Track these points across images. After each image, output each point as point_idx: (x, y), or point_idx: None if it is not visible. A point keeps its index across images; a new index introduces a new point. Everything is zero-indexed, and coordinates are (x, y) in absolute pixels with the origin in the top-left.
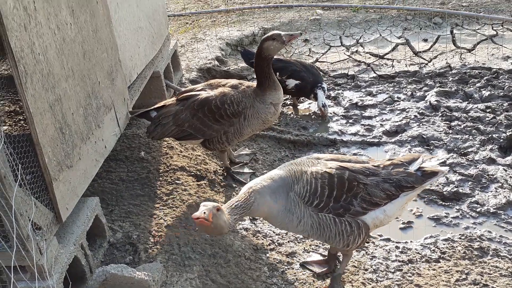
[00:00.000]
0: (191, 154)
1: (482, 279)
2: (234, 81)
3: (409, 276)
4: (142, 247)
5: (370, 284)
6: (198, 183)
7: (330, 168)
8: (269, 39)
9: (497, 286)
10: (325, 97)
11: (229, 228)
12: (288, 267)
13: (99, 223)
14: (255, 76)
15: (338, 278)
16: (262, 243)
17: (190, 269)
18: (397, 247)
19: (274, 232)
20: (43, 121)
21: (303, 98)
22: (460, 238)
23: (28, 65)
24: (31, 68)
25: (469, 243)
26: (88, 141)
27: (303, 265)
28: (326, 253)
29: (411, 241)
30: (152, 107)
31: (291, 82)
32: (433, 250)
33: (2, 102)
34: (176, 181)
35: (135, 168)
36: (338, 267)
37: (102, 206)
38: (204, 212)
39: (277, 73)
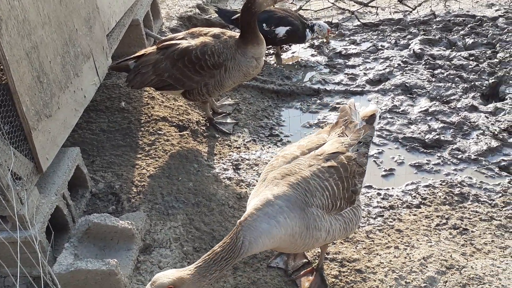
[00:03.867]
0: (173, 104)
1: (462, 223)
2: (216, 30)
3: (390, 222)
4: (125, 197)
5: None
6: (181, 133)
7: (327, 160)
8: None
9: (476, 230)
10: (308, 46)
11: (208, 285)
12: None
13: (81, 173)
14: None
15: (321, 262)
16: (246, 191)
17: (174, 217)
18: (378, 194)
19: (257, 181)
20: (19, 69)
21: (287, 47)
22: (441, 184)
23: (2, 10)
24: (6, 14)
25: (449, 189)
26: (66, 90)
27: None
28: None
29: (392, 188)
30: (131, 56)
31: (281, 30)
32: (414, 196)
33: None
34: (158, 132)
35: (116, 118)
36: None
37: (84, 156)
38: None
39: (264, 24)
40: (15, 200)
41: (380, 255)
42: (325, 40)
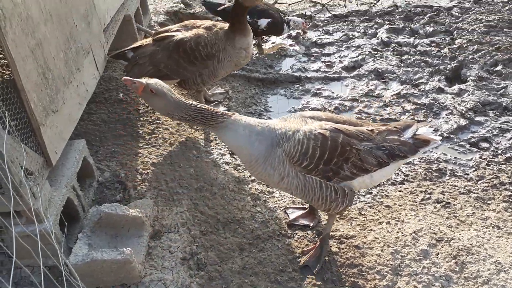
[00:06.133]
0: None
1: (444, 197)
2: (208, 23)
3: (379, 198)
4: (131, 184)
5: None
6: (178, 121)
7: (325, 129)
8: None
9: (457, 203)
10: (286, 36)
11: (168, 115)
12: (269, 196)
13: (87, 164)
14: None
15: (326, 237)
16: (244, 175)
17: (179, 203)
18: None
19: None
20: (25, 67)
21: (266, 37)
22: (419, 161)
23: (6, 8)
24: (9, 11)
25: (428, 165)
26: (70, 85)
27: (292, 224)
28: (306, 205)
29: None
30: (129, 47)
31: (263, 22)
32: (397, 173)
33: None
34: (157, 121)
35: (115, 109)
36: (325, 226)
37: (87, 147)
38: (134, 82)
39: (247, 16)
40: (29, 195)
41: (374, 231)
42: (301, 32)
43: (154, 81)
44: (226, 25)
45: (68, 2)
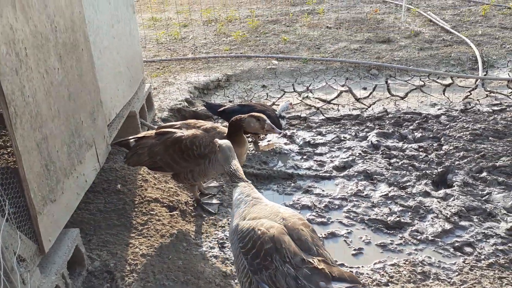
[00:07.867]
0: (164, 186)
1: None
2: (208, 125)
3: None
4: (119, 275)
5: None
6: (171, 213)
7: (267, 231)
8: (255, 118)
9: None
10: (282, 135)
11: (222, 166)
12: None
13: (79, 252)
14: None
15: None
16: (231, 269)
17: None
18: (350, 272)
19: None
20: (30, 159)
21: (263, 136)
22: (404, 263)
23: (18, 107)
24: (21, 110)
25: (413, 268)
26: (70, 176)
27: None
28: None
29: (362, 266)
30: (133, 137)
31: None
32: (382, 274)
33: None
34: (151, 212)
35: (112, 199)
36: None
37: (81, 235)
38: (219, 143)
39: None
40: (19, 282)
41: None
42: (291, 107)
43: (224, 142)
44: (225, 130)
45: (76, 100)
